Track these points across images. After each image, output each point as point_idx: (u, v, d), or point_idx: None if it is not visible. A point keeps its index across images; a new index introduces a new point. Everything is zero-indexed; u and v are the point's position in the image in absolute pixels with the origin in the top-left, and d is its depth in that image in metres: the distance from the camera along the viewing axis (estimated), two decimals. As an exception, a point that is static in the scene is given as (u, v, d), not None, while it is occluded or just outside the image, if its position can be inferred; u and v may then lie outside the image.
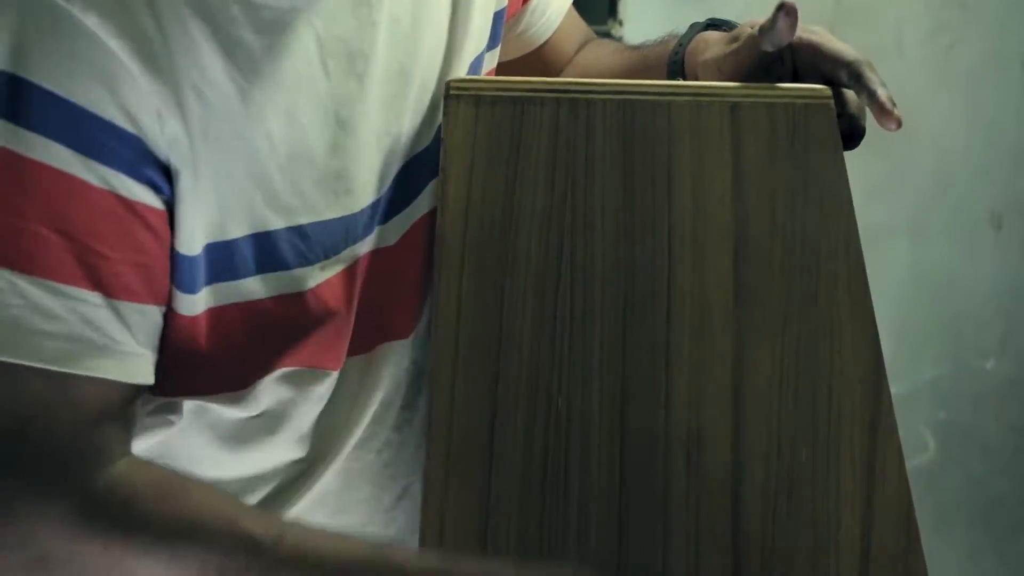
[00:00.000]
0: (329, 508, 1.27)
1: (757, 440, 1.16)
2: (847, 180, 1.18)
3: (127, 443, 1.11)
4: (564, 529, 1.16)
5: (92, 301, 1.06)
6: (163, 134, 1.06)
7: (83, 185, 1.04)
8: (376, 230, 1.22)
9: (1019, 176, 2.80)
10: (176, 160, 1.07)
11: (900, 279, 2.78)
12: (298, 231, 1.15)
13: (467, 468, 1.16)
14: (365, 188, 1.19)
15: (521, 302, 1.18)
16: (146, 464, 1.12)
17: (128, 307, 1.08)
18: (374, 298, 1.22)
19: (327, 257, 1.17)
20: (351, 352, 1.23)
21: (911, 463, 1.16)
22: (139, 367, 1.10)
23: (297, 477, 1.25)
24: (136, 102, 1.05)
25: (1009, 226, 2.81)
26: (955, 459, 2.85)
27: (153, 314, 1.10)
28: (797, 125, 1.19)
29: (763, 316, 1.17)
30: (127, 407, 1.10)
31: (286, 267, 1.15)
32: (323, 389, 1.22)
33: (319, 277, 1.17)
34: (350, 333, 1.21)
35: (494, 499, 1.16)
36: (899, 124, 1.18)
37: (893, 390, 1.17)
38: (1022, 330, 2.84)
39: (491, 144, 1.20)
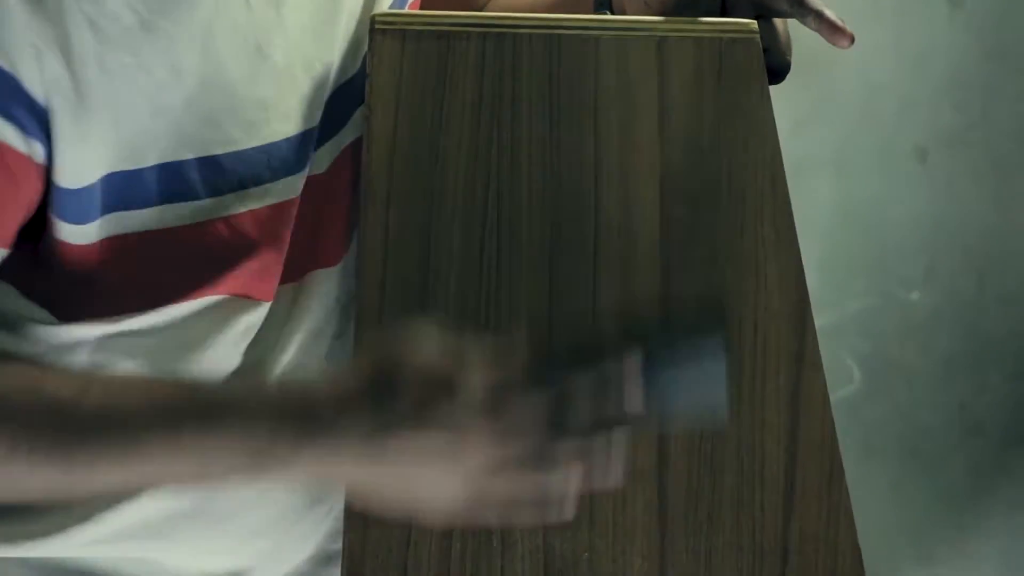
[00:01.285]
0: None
1: (683, 375, 1.16)
2: (773, 115, 1.19)
3: None
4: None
5: None
6: (42, 73, 1.04)
7: None
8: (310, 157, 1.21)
9: (944, 110, 2.81)
10: (57, 100, 1.05)
11: (826, 211, 2.79)
12: (211, 162, 1.13)
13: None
14: (291, 117, 1.18)
15: (448, 238, 1.17)
16: None
17: None
18: (304, 226, 1.22)
19: (244, 187, 1.16)
20: (281, 281, 1.22)
21: (837, 394, 1.17)
22: None
23: None
24: (13, 40, 1.03)
25: (934, 159, 2.83)
26: (880, 390, 2.87)
27: None
28: (723, 60, 1.19)
29: (689, 251, 1.17)
30: None
31: (195, 197, 1.14)
32: (253, 319, 1.21)
33: (237, 207, 1.16)
34: (281, 265, 1.21)
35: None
36: (852, 40, 1.19)
37: (819, 322, 1.18)
38: (946, 262, 2.86)
39: (417, 79, 1.19)
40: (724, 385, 1.03)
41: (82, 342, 1.17)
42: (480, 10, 1.52)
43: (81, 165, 1.08)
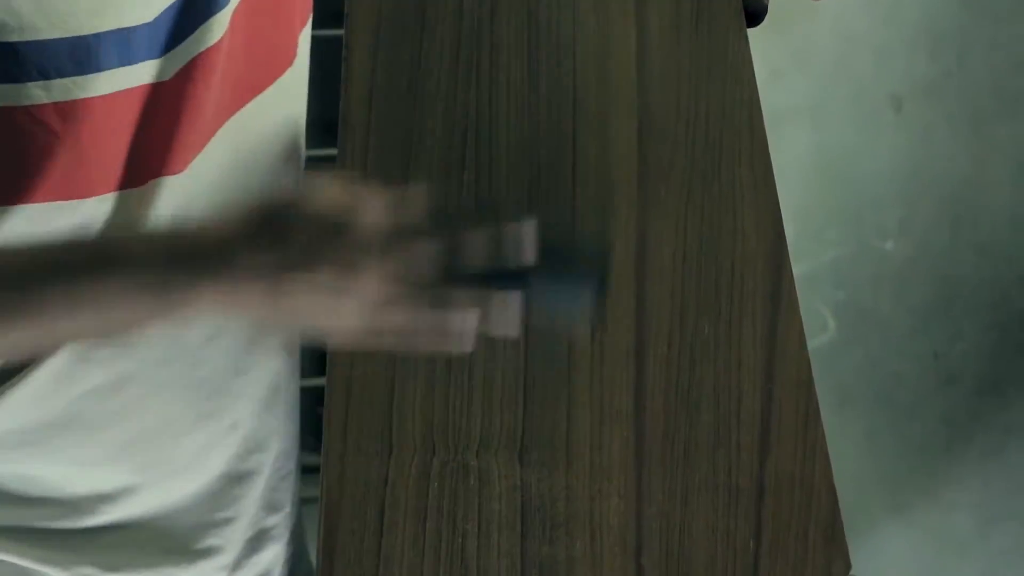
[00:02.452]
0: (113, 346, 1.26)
1: (660, 316, 1.17)
2: (751, 57, 1.19)
3: None
4: (469, 406, 1.17)
5: None
6: None
7: None
8: (147, 63, 1.19)
9: (919, 59, 2.81)
10: None
11: (801, 161, 2.79)
12: (9, 47, 1.12)
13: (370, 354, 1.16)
14: (103, 13, 1.14)
15: (426, 182, 1.18)
16: None
17: None
18: (147, 131, 1.20)
19: (48, 78, 1.14)
20: (122, 186, 1.21)
21: (811, 343, 1.18)
22: None
23: None
24: None
25: (909, 109, 2.83)
26: (855, 339, 2.88)
27: None
28: (701, 2, 1.19)
29: (667, 191, 1.18)
30: None
31: None
32: (76, 220, 1.19)
33: (39, 98, 1.14)
34: (100, 163, 1.19)
35: (399, 378, 1.16)
36: None
37: (794, 271, 1.18)
38: (921, 212, 2.87)
39: (396, 22, 1.19)
40: (591, 298, 1.03)
41: None
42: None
43: None
